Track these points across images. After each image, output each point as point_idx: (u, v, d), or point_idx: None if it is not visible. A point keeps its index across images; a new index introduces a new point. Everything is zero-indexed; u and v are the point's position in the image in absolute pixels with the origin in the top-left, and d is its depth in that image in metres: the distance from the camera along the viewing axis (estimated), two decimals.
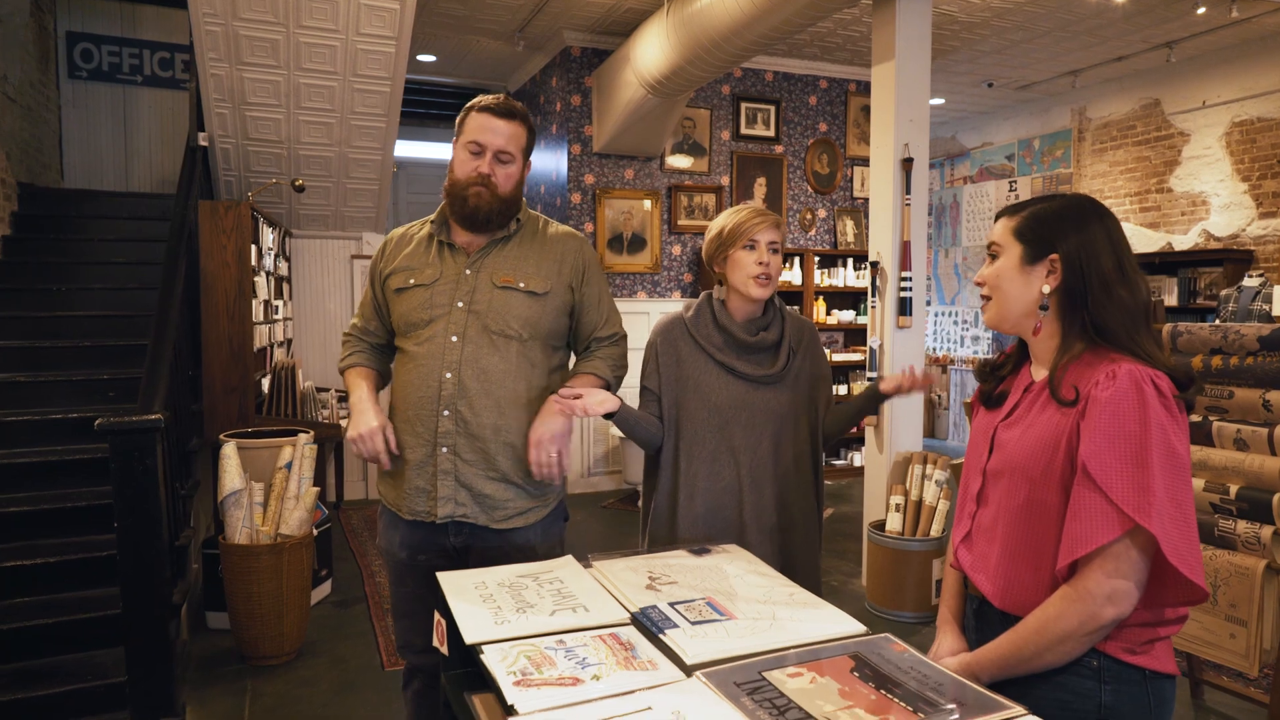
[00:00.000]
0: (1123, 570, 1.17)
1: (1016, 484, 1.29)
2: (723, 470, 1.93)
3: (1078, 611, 1.19)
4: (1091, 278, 1.26)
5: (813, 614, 1.41)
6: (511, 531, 1.87)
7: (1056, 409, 1.26)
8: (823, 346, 2.06)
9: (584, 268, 1.95)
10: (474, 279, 1.87)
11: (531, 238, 1.93)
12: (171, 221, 3.96)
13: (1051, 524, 1.25)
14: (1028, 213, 1.35)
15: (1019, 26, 5.74)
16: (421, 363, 1.85)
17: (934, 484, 3.78)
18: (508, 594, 1.47)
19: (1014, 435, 1.32)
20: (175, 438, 3.51)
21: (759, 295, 1.92)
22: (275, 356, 4.81)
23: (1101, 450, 1.17)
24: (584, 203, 6.08)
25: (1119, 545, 1.17)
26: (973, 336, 8.48)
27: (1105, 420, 1.18)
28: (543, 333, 1.89)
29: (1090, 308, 1.26)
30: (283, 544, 3.23)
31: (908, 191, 3.99)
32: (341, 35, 4.39)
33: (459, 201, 1.84)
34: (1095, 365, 1.25)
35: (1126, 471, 1.16)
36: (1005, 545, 1.30)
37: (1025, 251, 1.32)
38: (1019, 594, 1.29)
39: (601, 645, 1.27)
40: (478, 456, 1.83)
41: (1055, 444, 1.24)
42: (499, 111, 1.85)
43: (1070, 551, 1.19)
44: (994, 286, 1.36)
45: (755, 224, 1.91)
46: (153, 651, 2.72)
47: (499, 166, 1.83)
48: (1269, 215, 6.01)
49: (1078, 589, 1.19)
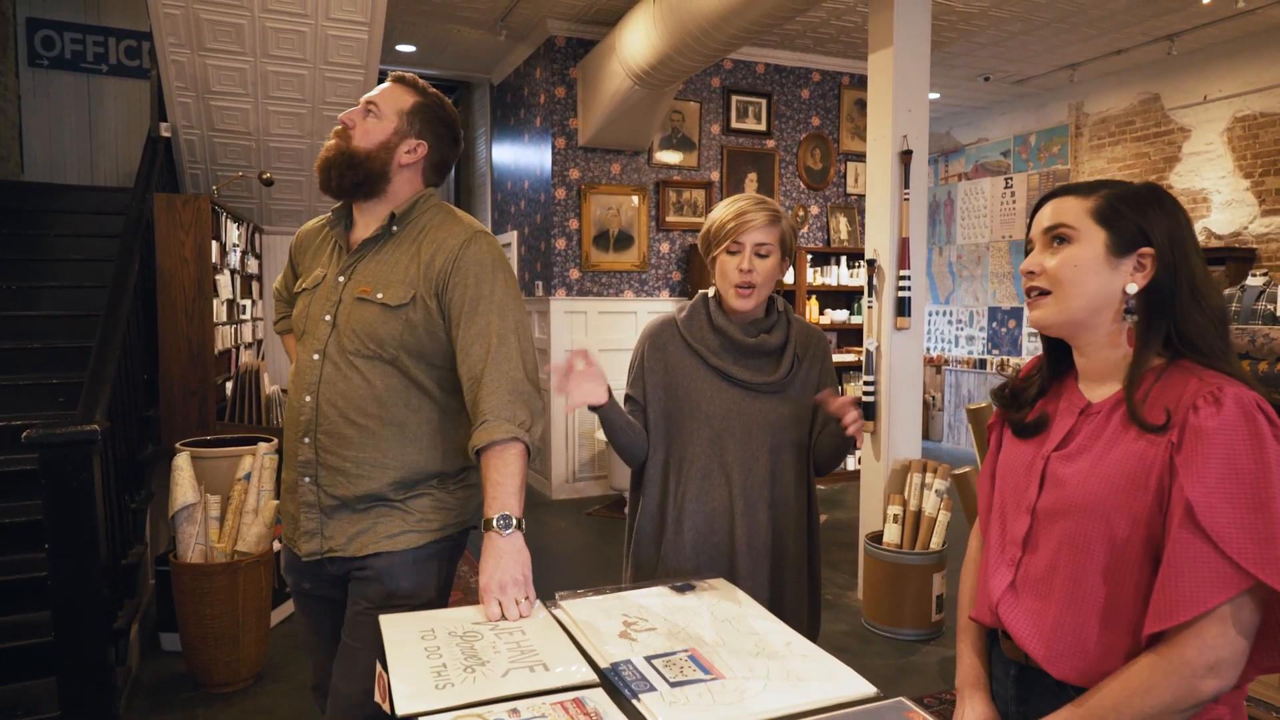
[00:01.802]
0: (1230, 637, 0.97)
1: (1086, 528, 1.07)
2: (714, 490, 1.70)
3: (1173, 685, 0.98)
4: (1183, 279, 1.07)
5: (813, 671, 1.21)
6: (374, 556, 1.57)
7: (1136, 436, 1.05)
8: (833, 362, 1.82)
9: (451, 269, 1.56)
10: (342, 288, 1.60)
11: (414, 237, 1.61)
12: (127, 215, 3.73)
13: (1131, 577, 1.04)
14: (1108, 193, 1.12)
15: (1017, 17, 5.56)
16: (294, 381, 1.66)
17: (934, 494, 3.58)
18: (457, 647, 1.26)
19: (1079, 469, 1.09)
20: (125, 446, 3.28)
21: (739, 307, 1.69)
22: (242, 359, 4.58)
23: (1211, 492, 0.97)
24: (569, 198, 5.87)
25: (1228, 607, 0.97)
26: (967, 337, 8.31)
27: (1213, 455, 0.98)
28: (420, 351, 1.57)
29: (1177, 314, 1.07)
30: (239, 562, 3.01)
31: (906, 186, 3.80)
32: (310, 20, 4.16)
33: None
34: (1181, 384, 1.05)
35: (1242, 518, 0.97)
36: (1068, 602, 1.09)
37: (1111, 240, 1.09)
38: (1083, 661, 1.08)
39: (563, 716, 1.07)
40: (343, 491, 1.57)
41: (1141, 480, 1.03)
42: (389, 76, 1.70)
43: (1169, 615, 0.98)
44: (1062, 279, 1.11)
45: (741, 224, 1.66)
46: (89, 682, 2.50)
47: (363, 118, 1.62)
48: (1272, 213, 5.85)
49: (1173, 658, 0.99)
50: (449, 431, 1.63)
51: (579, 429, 6.04)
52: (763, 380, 1.70)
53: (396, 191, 1.65)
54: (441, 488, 1.63)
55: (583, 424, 6.05)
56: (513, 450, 1.49)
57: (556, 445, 5.96)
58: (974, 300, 8.26)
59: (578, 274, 5.92)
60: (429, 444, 1.60)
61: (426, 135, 1.65)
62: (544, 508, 5.77)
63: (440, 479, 1.62)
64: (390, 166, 1.62)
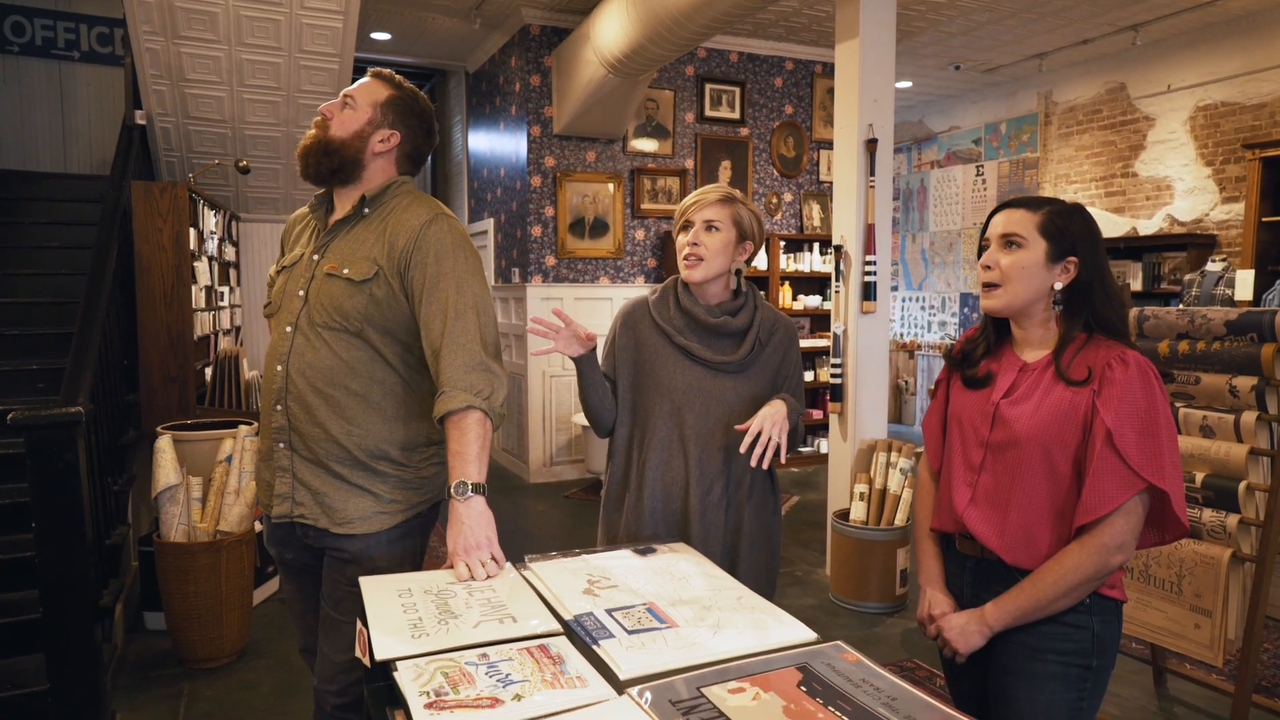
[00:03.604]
0: (1131, 524, 1.37)
1: (1031, 453, 1.43)
2: (672, 460, 1.81)
3: (1095, 561, 1.37)
4: (1096, 280, 1.44)
5: (760, 619, 1.31)
6: (350, 538, 1.66)
7: (1065, 387, 1.41)
8: (799, 351, 1.91)
9: (413, 248, 1.63)
10: (315, 266, 1.71)
11: (382, 219, 1.70)
12: (104, 203, 3.76)
13: (1063, 487, 1.41)
14: (1049, 211, 1.45)
15: (985, 7, 5.67)
16: (268, 353, 1.76)
17: (899, 472, 3.71)
18: (432, 602, 1.35)
19: (1025, 410, 1.44)
20: (106, 430, 3.33)
21: (688, 278, 1.82)
22: (221, 345, 4.62)
23: (1121, 423, 1.35)
24: (544, 186, 5.93)
25: (1132, 502, 1.36)
26: (940, 322, 8.46)
27: (1124, 397, 1.36)
28: (385, 326, 1.65)
29: (1095, 304, 1.44)
30: (222, 541, 3.08)
31: (872, 173, 3.90)
32: (285, 9, 4.19)
33: None
34: (1098, 351, 1.42)
35: (1140, 441, 1.35)
36: (1020, 508, 1.44)
37: (1050, 249, 1.44)
38: (1030, 548, 1.44)
39: (528, 659, 1.16)
40: (313, 456, 1.66)
41: (1071, 417, 1.40)
42: (368, 71, 1.81)
43: (1095, 509, 1.36)
44: (1011, 276, 1.46)
45: (692, 204, 1.82)
46: (77, 658, 2.56)
47: (340, 109, 1.72)
48: (1231, 200, 6.02)
49: (1094, 541, 1.37)
50: (413, 404, 1.71)
51: (556, 413, 6.13)
52: (723, 359, 1.80)
53: (371, 178, 1.74)
54: (408, 464, 1.71)
55: (559, 408, 6.13)
56: (471, 418, 1.57)
57: (534, 429, 6.04)
58: (946, 286, 8.42)
59: (554, 261, 5.99)
60: (392, 414, 1.68)
61: (399, 126, 1.74)
62: (521, 491, 5.86)
63: (406, 451, 1.70)
64: (364, 154, 1.72)
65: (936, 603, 1.56)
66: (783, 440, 1.66)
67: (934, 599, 1.57)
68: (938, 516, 1.60)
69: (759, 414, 1.68)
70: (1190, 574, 2.47)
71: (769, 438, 1.65)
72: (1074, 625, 1.43)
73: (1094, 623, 1.44)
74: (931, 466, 1.67)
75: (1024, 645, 1.45)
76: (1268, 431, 2.42)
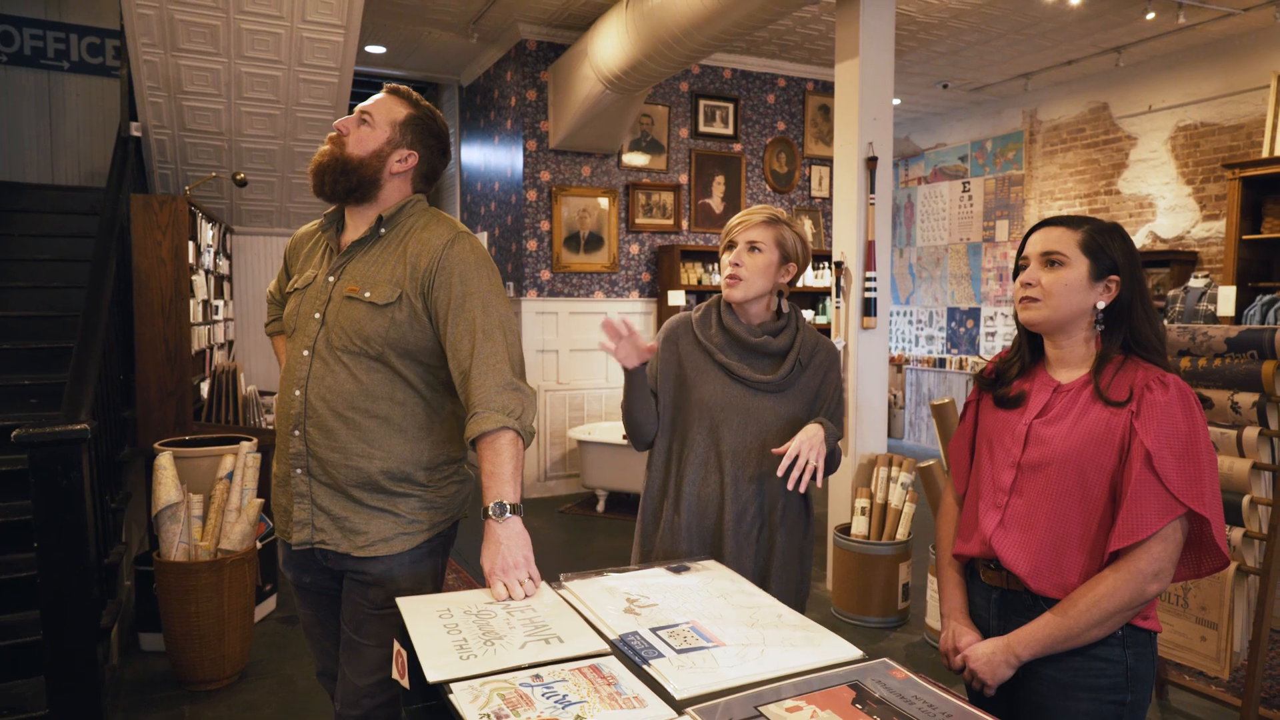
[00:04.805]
0: (1169, 550, 1.33)
1: (1065, 475, 1.39)
2: (709, 476, 1.82)
3: (1130, 588, 1.32)
4: (1137, 299, 1.42)
5: (804, 638, 1.32)
6: (372, 560, 1.64)
7: (1102, 408, 1.38)
8: (840, 375, 1.92)
9: (436, 269, 1.62)
10: (331, 288, 1.67)
11: (401, 239, 1.68)
12: (101, 216, 3.72)
13: (1097, 512, 1.37)
14: (1089, 229, 1.44)
15: (975, 28, 5.78)
16: (284, 377, 1.73)
17: (900, 487, 3.74)
18: (474, 623, 1.34)
19: (1060, 431, 1.41)
20: (104, 447, 3.28)
21: (728, 297, 1.84)
22: (215, 360, 4.57)
23: (1161, 446, 1.32)
24: (540, 200, 5.94)
25: (1170, 528, 1.32)
26: (927, 336, 8.55)
27: (1163, 420, 1.33)
28: (406, 349, 1.63)
29: (1134, 323, 1.42)
30: (223, 560, 3.03)
31: (872, 190, 3.95)
32: (286, 23, 4.18)
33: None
34: (1136, 372, 1.39)
35: (1179, 465, 1.32)
36: (1050, 531, 1.40)
37: (1092, 267, 1.42)
38: (1060, 576, 1.39)
39: (582, 680, 1.16)
40: (332, 481, 1.64)
41: (1107, 439, 1.36)
42: (382, 87, 1.78)
43: (1132, 533, 1.31)
44: (1053, 293, 1.43)
45: (737, 225, 1.83)
46: (77, 681, 2.52)
47: (356, 126, 1.69)
48: (1212, 218, 6.15)
49: (1130, 567, 1.32)
50: (435, 425, 1.70)
51: (550, 427, 6.11)
52: (763, 379, 1.82)
53: (387, 197, 1.72)
54: (430, 484, 1.69)
55: (554, 423, 6.12)
56: (504, 439, 1.57)
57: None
58: (933, 301, 8.51)
59: (549, 275, 5.99)
60: (415, 436, 1.66)
61: (418, 146, 1.73)
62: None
63: (428, 471, 1.69)
64: (382, 174, 1.69)
65: (960, 634, 1.49)
66: (820, 464, 1.67)
67: (957, 630, 1.50)
68: (963, 541, 1.54)
69: (797, 437, 1.70)
70: (1196, 587, 2.51)
71: (806, 461, 1.66)
72: (1106, 660, 1.38)
73: (1127, 656, 1.38)
74: (957, 490, 1.62)
75: (1055, 682, 1.40)
76: (1269, 447, 2.47)
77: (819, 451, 1.68)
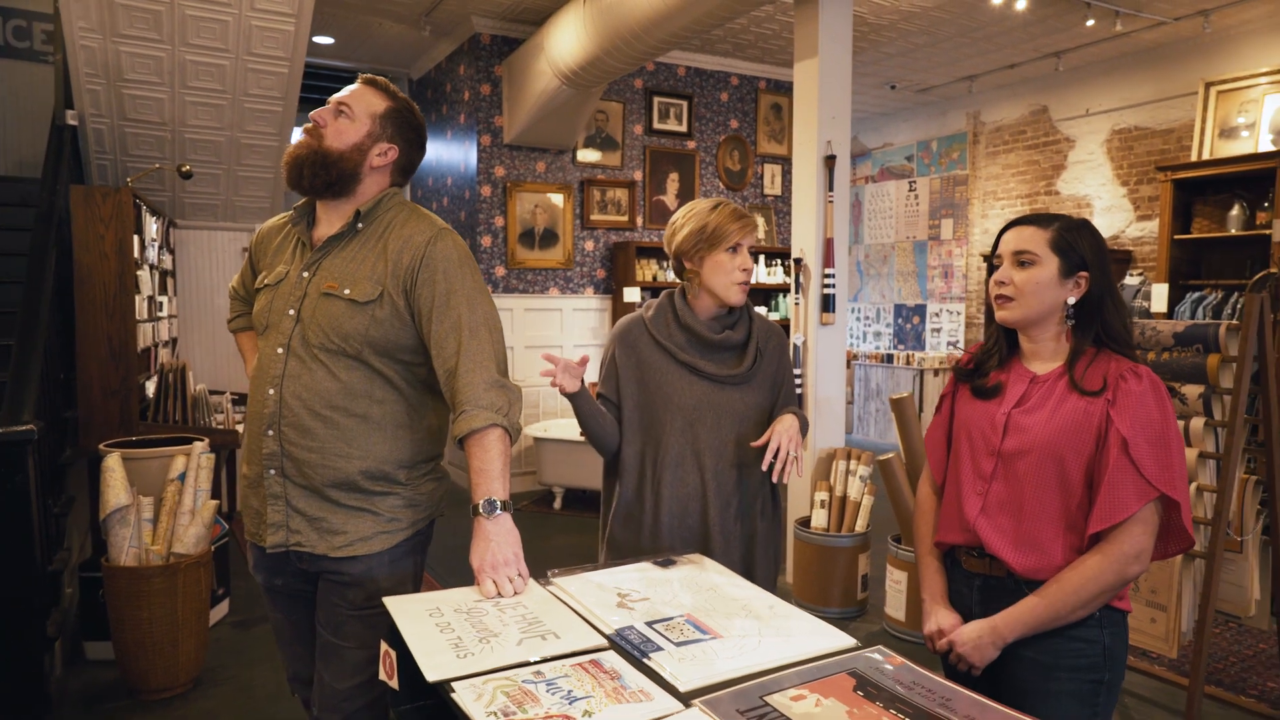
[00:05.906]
0: (1148, 532, 1.40)
1: (1044, 461, 1.45)
2: (687, 475, 1.83)
3: (1114, 570, 1.38)
4: (1106, 294, 1.48)
5: (798, 627, 1.34)
6: (351, 560, 1.61)
7: (1079, 397, 1.44)
8: (790, 356, 1.97)
9: (419, 266, 1.59)
10: (306, 284, 1.63)
11: (380, 235, 1.64)
12: (39, 208, 3.55)
13: (1076, 496, 1.43)
14: (1059, 227, 1.49)
15: (923, 30, 5.91)
16: (255, 375, 1.68)
17: (859, 480, 3.81)
18: (466, 621, 1.33)
19: (1038, 420, 1.47)
20: (46, 449, 3.14)
21: (738, 301, 1.85)
22: (160, 357, 4.41)
23: (1135, 433, 1.39)
24: (494, 196, 5.88)
25: (1146, 511, 1.39)
26: (875, 333, 8.72)
27: (1137, 408, 1.40)
28: (384, 347, 1.60)
29: (1105, 316, 1.47)
30: (177, 564, 2.93)
31: (830, 188, 4.01)
32: (234, 10, 4.05)
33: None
34: (1109, 364, 1.46)
35: (1152, 451, 1.38)
36: (1032, 516, 1.46)
37: (1062, 265, 1.47)
38: (1042, 558, 1.45)
39: (584, 675, 1.15)
40: (308, 481, 1.60)
41: (1085, 426, 1.43)
42: (358, 77, 1.73)
43: (1110, 517, 1.38)
44: (1025, 292, 1.48)
45: (740, 227, 1.83)
46: (24, 692, 2.41)
47: (334, 118, 1.64)
48: (1145, 218, 6.41)
49: (1114, 550, 1.39)
50: (415, 422, 1.67)
51: None
52: (729, 373, 1.84)
53: (364, 191, 1.67)
54: (409, 482, 1.67)
55: None
56: (492, 436, 1.56)
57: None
58: (880, 298, 8.69)
59: (504, 271, 5.93)
60: (393, 434, 1.63)
61: (398, 140, 1.68)
62: (469, 504, 5.76)
63: (408, 469, 1.66)
64: (362, 168, 1.65)
65: (943, 618, 1.54)
66: (800, 454, 1.70)
67: (940, 615, 1.55)
68: (944, 529, 1.59)
69: (774, 429, 1.72)
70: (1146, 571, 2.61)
71: (787, 452, 1.68)
72: (1085, 640, 1.44)
73: (1104, 636, 1.44)
74: (935, 481, 1.67)
75: (1036, 663, 1.45)
76: (1213, 436, 2.59)
77: (797, 442, 1.71)
